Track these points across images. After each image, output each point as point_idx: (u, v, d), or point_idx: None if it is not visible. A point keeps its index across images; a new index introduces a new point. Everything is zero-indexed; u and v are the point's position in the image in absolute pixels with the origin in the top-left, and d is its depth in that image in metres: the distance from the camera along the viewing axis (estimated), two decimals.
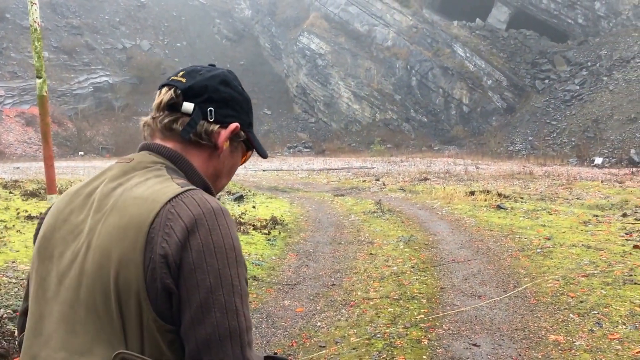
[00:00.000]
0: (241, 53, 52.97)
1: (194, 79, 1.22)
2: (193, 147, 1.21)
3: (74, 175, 18.58)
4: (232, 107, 1.25)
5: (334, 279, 6.65)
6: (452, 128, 41.07)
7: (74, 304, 1.07)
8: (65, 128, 40.06)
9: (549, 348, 4.40)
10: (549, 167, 24.52)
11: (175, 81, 1.22)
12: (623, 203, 12.37)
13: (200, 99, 1.20)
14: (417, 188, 16.31)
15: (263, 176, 21.73)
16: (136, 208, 1.06)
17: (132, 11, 51.64)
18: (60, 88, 41.38)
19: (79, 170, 22.52)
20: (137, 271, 1.02)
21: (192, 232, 1.03)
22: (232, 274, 1.05)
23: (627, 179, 18.21)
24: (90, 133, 40.69)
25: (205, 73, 1.25)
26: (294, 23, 49.86)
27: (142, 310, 1.02)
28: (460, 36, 42.70)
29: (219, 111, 1.22)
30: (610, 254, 7.30)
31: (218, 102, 1.22)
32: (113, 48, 47.41)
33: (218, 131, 1.22)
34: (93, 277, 1.05)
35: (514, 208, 11.81)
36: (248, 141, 1.31)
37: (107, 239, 1.06)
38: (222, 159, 1.26)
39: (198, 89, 1.21)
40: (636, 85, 33.52)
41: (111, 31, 48.64)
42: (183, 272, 1.03)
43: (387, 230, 9.76)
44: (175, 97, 1.20)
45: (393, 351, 4.38)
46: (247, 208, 12.13)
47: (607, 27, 40.84)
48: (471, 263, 7.25)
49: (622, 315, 4.97)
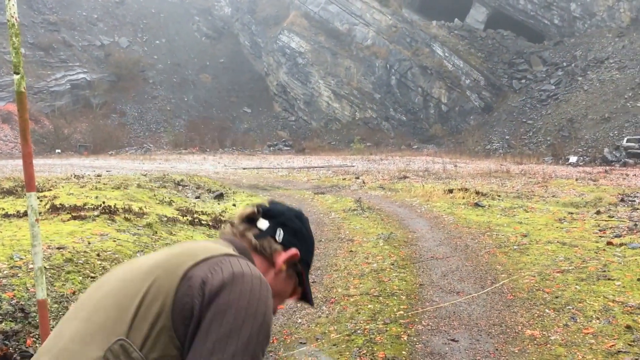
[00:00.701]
0: (221, 51, 52.62)
1: (275, 205, 1.44)
2: (257, 254, 1.36)
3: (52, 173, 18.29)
4: (299, 238, 1.41)
5: (314, 276, 6.68)
6: (430, 127, 41.42)
7: (104, 298, 1.19)
8: (42, 125, 39.40)
9: (525, 343, 4.49)
10: (525, 166, 24.89)
11: (260, 204, 1.43)
12: (597, 201, 12.62)
13: (275, 220, 1.39)
14: (396, 186, 16.41)
15: (243, 174, 21.65)
16: (198, 249, 1.22)
17: (110, 8, 50.96)
18: (36, 85, 40.70)
19: (57, 167, 22.17)
20: (173, 281, 1.14)
21: (236, 280, 1.15)
22: (253, 335, 1.13)
23: (600, 177, 18.57)
24: (67, 130, 40.07)
25: (285, 206, 1.46)
26: (274, 21, 49.74)
27: (161, 315, 1.11)
28: (439, 36, 43.06)
29: (286, 236, 1.39)
30: (584, 251, 7.44)
31: (287, 227, 1.40)
32: (91, 45, 46.74)
33: (279, 252, 1.37)
34: (136, 278, 1.18)
35: (491, 206, 11.96)
36: (301, 278, 1.44)
37: (165, 258, 1.22)
38: (276, 280, 1.38)
39: (275, 213, 1.41)
40: (610, 86, 34.21)
41: (89, 28, 47.94)
42: (216, 305, 1.12)
43: (367, 227, 9.81)
44: (256, 213, 1.40)
45: (373, 347, 4.42)
46: (227, 206, 12.08)
47: (582, 28, 41.58)
48: (450, 260, 7.33)
49: (596, 310, 5.08)
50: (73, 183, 12.48)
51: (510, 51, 42.40)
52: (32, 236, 2.99)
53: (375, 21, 44.78)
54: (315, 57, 45.14)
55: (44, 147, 37.52)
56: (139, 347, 1.09)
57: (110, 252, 6.14)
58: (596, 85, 35.11)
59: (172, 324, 1.11)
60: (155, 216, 8.69)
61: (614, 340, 4.37)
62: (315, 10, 47.02)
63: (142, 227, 7.76)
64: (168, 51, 50.70)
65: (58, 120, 40.44)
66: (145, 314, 1.12)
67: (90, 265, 5.60)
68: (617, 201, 12.41)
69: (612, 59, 36.45)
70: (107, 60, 46.25)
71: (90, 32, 47.70)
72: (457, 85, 41.06)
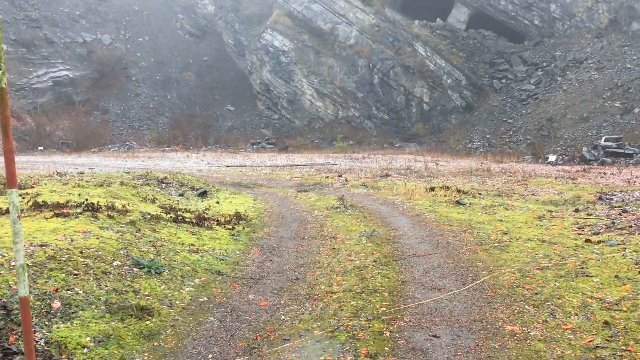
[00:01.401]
0: (204, 49, 52.28)
1: None
2: None
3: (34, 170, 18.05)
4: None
5: (297, 274, 6.70)
6: (412, 125, 41.66)
7: None
8: (24, 122, 38.87)
9: (506, 338, 4.56)
10: (505, 164, 25.16)
11: None
12: (575, 199, 12.83)
13: None
14: (378, 184, 16.49)
15: (226, 172, 21.56)
16: None
17: (93, 4, 50.31)
18: (18, 82, 40.15)
19: (39, 165, 21.87)
20: None
21: None
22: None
23: (579, 176, 18.86)
24: (49, 128, 39.60)
25: None
26: (258, 20, 49.55)
27: None
28: (421, 35, 43.30)
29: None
30: (563, 248, 7.57)
31: None
32: (73, 42, 46.13)
33: None
34: None
35: (472, 204, 12.09)
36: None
37: None
38: None
39: None
40: (588, 86, 34.74)
41: (71, 24, 47.29)
42: None
43: (349, 225, 9.86)
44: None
45: (356, 343, 4.47)
46: (211, 204, 12.04)
47: (562, 29, 42.15)
48: (431, 257, 7.41)
49: (574, 306, 5.18)
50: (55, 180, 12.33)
51: (491, 51, 42.82)
52: (13, 233, 2.98)
53: (358, 20, 44.88)
54: (299, 55, 45.10)
55: (26, 144, 37.02)
56: None
57: (93, 249, 6.10)
58: (575, 85, 35.64)
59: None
60: (138, 213, 8.64)
61: (592, 336, 4.46)
62: (299, 9, 46.96)
63: (125, 225, 7.71)
64: (151, 49, 50.22)
65: (40, 117, 39.92)
66: None
67: (73, 263, 5.56)
68: (595, 199, 12.62)
69: (591, 60, 37.01)
70: (89, 58, 45.69)
71: (72, 29, 47.05)
72: (439, 85, 41.35)
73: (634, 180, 17.03)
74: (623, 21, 38.85)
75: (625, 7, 38.64)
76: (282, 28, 46.12)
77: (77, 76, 43.82)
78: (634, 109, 31.06)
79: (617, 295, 5.38)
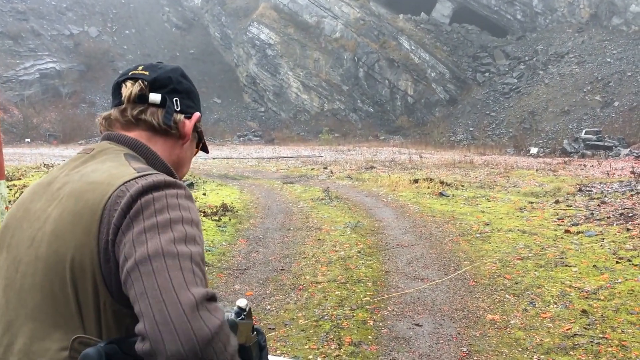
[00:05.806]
0: (191, 42, 51.90)
1: (156, 72, 1.24)
2: (159, 136, 1.23)
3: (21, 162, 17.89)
4: (192, 98, 1.30)
5: (283, 264, 6.77)
6: (397, 118, 41.85)
7: (30, 290, 1.05)
8: (11, 114, 38.48)
9: (486, 327, 4.67)
10: (488, 157, 25.42)
11: (138, 74, 1.23)
12: (556, 190, 13.05)
13: (166, 90, 1.23)
14: (363, 176, 16.60)
15: (213, 164, 21.52)
16: (91, 193, 1.05)
17: None
18: (5, 74, 39.79)
19: (26, 157, 21.68)
20: (91, 254, 1.00)
21: (135, 199, 1.01)
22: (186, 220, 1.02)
23: (560, 168, 19.13)
24: (37, 120, 39.29)
25: (165, 66, 1.28)
26: (244, 13, 49.29)
27: (99, 293, 1.00)
28: (406, 29, 43.43)
29: (183, 102, 1.26)
30: (543, 238, 7.74)
31: (181, 93, 1.26)
32: (60, 34, 45.61)
33: (183, 121, 1.25)
34: (47, 262, 1.03)
35: (455, 195, 12.24)
36: (200, 135, 1.37)
37: (62, 224, 1.04)
38: (185, 148, 1.29)
39: (163, 81, 1.23)
40: (569, 79, 35.17)
41: (58, 17, 46.72)
42: (122, 235, 0.99)
43: (334, 216, 9.93)
44: (143, 88, 1.21)
45: (340, 332, 4.54)
46: (197, 195, 12.04)
47: (544, 23, 42.56)
48: (415, 248, 7.52)
49: (553, 296, 5.31)
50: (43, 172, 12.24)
51: (474, 45, 43.10)
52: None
53: (343, 14, 44.85)
54: (285, 48, 44.97)
55: (13, 136, 36.68)
56: (97, 335, 1.00)
57: None
58: (556, 79, 36.04)
59: (113, 296, 1.00)
60: None
61: (571, 324, 4.59)
62: (285, 2, 46.78)
63: None
64: (138, 41, 49.72)
65: (27, 109, 39.55)
66: (86, 300, 1.01)
67: None
68: (575, 191, 12.85)
69: (572, 54, 37.44)
70: (76, 50, 45.21)
71: (59, 22, 46.46)
72: (423, 78, 41.55)
73: (613, 172, 17.34)
74: (604, 16, 39.33)
75: (606, 2, 39.11)
76: (268, 21, 45.94)
77: (64, 68, 43.40)
78: (614, 102, 31.53)
79: (595, 285, 5.53)
